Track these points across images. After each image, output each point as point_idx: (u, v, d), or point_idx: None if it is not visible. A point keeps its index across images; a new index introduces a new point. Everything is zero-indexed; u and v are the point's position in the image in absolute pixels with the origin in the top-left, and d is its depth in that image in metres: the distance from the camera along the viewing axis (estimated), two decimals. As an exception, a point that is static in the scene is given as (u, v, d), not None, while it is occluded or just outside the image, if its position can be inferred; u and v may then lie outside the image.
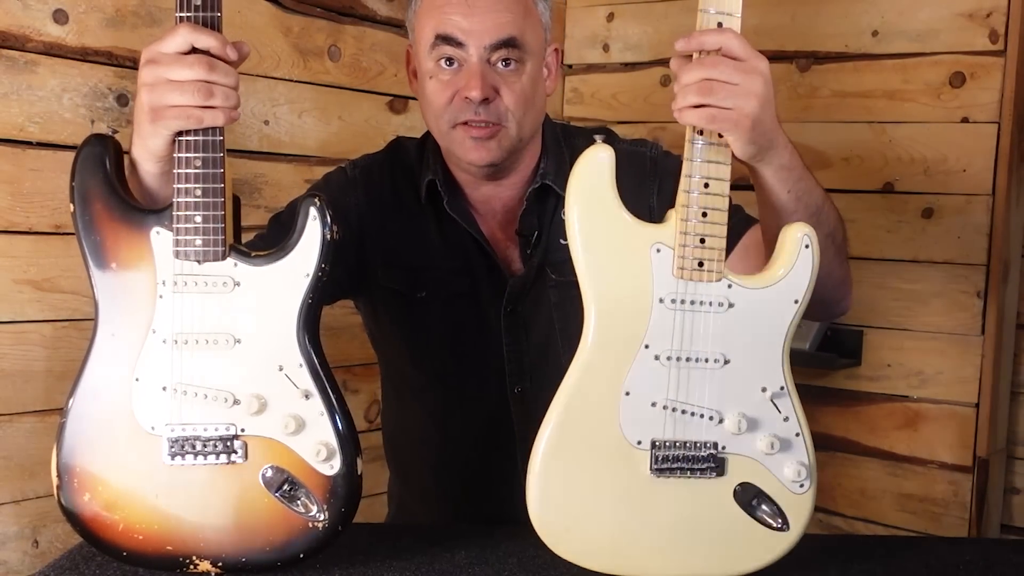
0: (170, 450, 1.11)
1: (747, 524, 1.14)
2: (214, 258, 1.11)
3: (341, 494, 1.11)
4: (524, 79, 1.36)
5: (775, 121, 1.13)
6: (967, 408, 2.01)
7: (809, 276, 1.13)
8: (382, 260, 1.47)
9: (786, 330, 1.13)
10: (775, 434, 1.14)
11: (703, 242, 1.11)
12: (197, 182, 1.09)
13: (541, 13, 1.39)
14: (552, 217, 1.45)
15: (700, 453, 1.13)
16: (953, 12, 1.97)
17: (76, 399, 1.12)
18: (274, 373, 1.11)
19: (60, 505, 1.13)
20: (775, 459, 1.14)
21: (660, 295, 1.12)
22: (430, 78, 1.38)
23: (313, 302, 1.12)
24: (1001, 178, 1.95)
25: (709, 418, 1.13)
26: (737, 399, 1.13)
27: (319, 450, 1.10)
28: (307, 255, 1.12)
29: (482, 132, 1.36)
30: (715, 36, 1.10)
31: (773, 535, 1.14)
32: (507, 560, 1.21)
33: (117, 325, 1.12)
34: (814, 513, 1.18)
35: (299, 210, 1.12)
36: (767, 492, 1.14)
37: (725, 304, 1.12)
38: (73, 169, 1.12)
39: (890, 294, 2.07)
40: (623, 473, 1.13)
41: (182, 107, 1.07)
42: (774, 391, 1.14)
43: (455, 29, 1.33)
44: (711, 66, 1.09)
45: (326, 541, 1.12)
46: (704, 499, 1.14)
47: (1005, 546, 1.45)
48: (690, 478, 1.13)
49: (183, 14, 1.09)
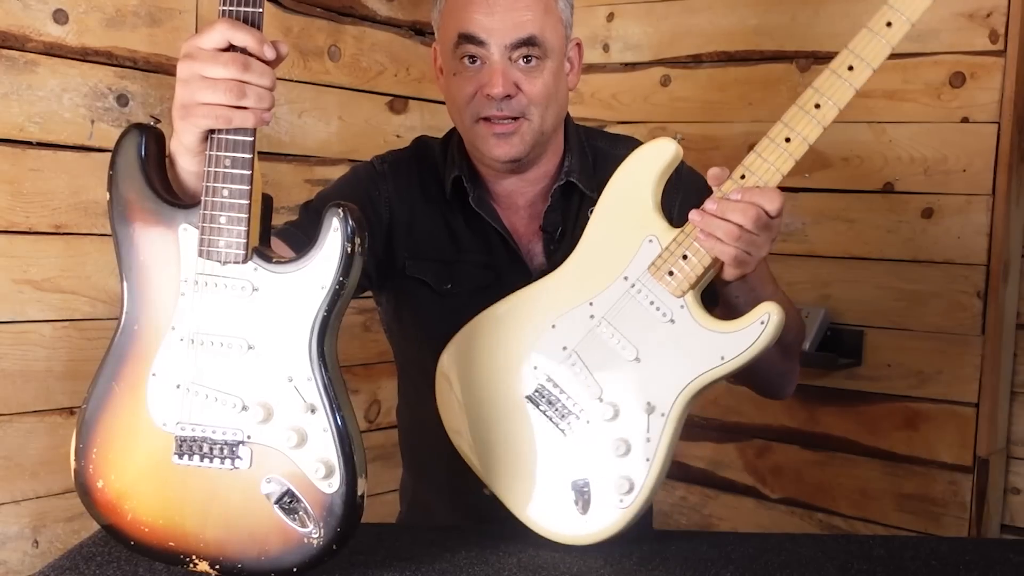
0: (178, 449, 1.11)
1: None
2: (235, 260, 1.09)
3: (338, 513, 1.09)
4: (545, 74, 1.39)
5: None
6: (967, 408, 2.00)
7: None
8: (409, 252, 1.49)
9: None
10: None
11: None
12: (224, 182, 1.07)
13: (562, 10, 1.41)
14: (577, 214, 1.47)
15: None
16: (953, 12, 1.97)
17: (97, 386, 1.13)
18: (283, 383, 1.10)
19: (77, 488, 1.14)
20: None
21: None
22: (454, 75, 1.40)
23: (329, 315, 1.09)
24: (1001, 178, 1.95)
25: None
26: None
27: (318, 467, 1.08)
28: (325, 267, 1.09)
29: (504, 128, 1.38)
30: (769, 196, 1.18)
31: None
32: (507, 560, 1.21)
33: (141, 318, 1.12)
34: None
35: (322, 219, 1.10)
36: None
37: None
38: (112, 158, 1.12)
39: (890, 294, 2.07)
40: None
41: (212, 105, 1.06)
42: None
43: (477, 28, 1.35)
44: (749, 219, 1.17)
45: (319, 559, 1.10)
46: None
47: (1005, 546, 1.45)
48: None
49: (224, 8, 1.07)
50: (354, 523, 1.11)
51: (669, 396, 1.21)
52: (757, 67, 2.21)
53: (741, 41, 2.22)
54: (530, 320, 1.29)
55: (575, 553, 1.23)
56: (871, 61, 1.18)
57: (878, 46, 1.17)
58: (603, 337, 1.24)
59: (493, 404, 1.30)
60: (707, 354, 1.20)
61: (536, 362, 1.27)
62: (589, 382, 1.24)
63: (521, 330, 1.29)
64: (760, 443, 2.25)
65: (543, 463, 1.26)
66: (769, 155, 1.20)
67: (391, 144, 2.20)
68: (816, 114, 1.19)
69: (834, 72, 1.18)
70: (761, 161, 1.20)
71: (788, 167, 1.19)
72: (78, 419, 1.13)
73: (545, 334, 1.27)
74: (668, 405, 1.21)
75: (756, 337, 1.18)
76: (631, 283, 1.23)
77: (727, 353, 1.19)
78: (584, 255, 1.29)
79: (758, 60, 2.20)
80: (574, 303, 1.26)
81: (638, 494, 1.21)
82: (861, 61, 1.18)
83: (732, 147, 2.24)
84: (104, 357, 1.13)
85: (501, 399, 1.29)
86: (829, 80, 1.19)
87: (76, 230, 1.79)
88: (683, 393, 1.21)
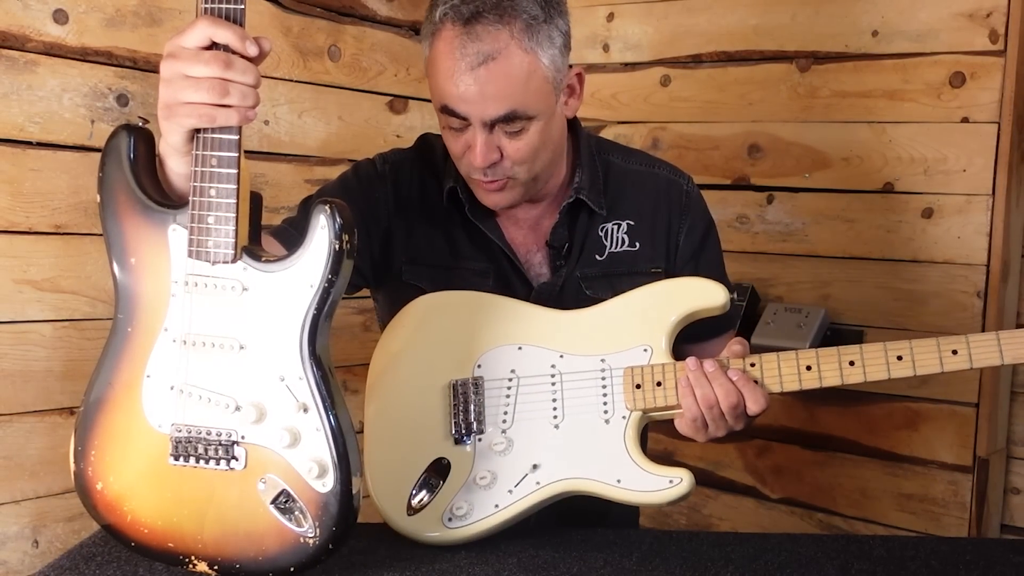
0: (173, 451, 1.11)
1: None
2: (225, 260, 1.09)
3: (333, 512, 1.09)
4: (530, 135, 1.35)
5: None
6: (967, 408, 2.00)
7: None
8: (407, 257, 1.48)
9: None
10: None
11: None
12: (212, 181, 1.07)
13: (547, 67, 1.33)
14: (587, 231, 1.47)
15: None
16: (953, 12, 1.97)
17: (94, 389, 1.13)
18: (275, 383, 1.10)
19: (77, 490, 1.14)
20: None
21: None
22: (443, 128, 1.39)
23: (319, 313, 1.09)
24: (1001, 178, 1.95)
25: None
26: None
27: (311, 467, 1.08)
28: (313, 266, 1.08)
29: (493, 186, 1.38)
30: (756, 397, 1.21)
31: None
32: (507, 560, 1.21)
33: (133, 320, 1.12)
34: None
35: (309, 216, 1.09)
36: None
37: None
38: (101, 159, 1.11)
39: (890, 294, 2.07)
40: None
41: (195, 104, 1.05)
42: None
43: (457, 103, 1.31)
44: (728, 403, 1.20)
45: (316, 558, 1.10)
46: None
47: (1005, 546, 1.45)
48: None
49: (206, 5, 1.06)
50: (350, 522, 1.11)
51: (556, 474, 1.23)
52: (757, 67, 2.20)
53: (741, 41, 2.22)
54: (508, 325, 1.30)
55: (575, 553, 1.23)
56: (919, 367, 1.17)
57: (933, 360, 1.17)
58: (547, 390, 1.26)
59: (425, 367, 1.31)
60: (611, 469, 1.21)
61: (484, 361, 1.29)
62: (508, 411, 1.26)
63: (496, 325, 1.30)
64: (760, 443, 2.25)
65: (417, 447, 1.27)
66: (785, 368, 1.21)
67: (391, 144, 2.21)
68: (844, 369, 1.19)
69: (885, 351, 1.19)
70: (776, 366, 1.21)
71: (791, 389, 1.20)
72: (76, 422, 1.13)
73: (509, 347, 1.29)
74: (549, 480, 1.23)
75: (658, 489, 1.20)
76: (603, 369, 1.25)
77: (625, 482, 1.20)
78: (589, 318, 1.30)
79: (758, 60, 2.20)
80: (549, 345, 1.28)
81: (468, 524, 1.23)
82: (911, 361, 1.18)
83: (732, 147, 2.24)
84: (99, 360, 1.13)
85: (430, 368, 1.30)
86: (875, 354, 1.19)
87: (76, 230, 1.78)
88: (567, 481, 1.22)
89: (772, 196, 2.20)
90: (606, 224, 1.47)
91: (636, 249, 1.47)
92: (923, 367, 1.17)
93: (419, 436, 1.28)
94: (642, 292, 1.30)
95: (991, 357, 1.15)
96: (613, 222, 1.47)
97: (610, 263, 1.46)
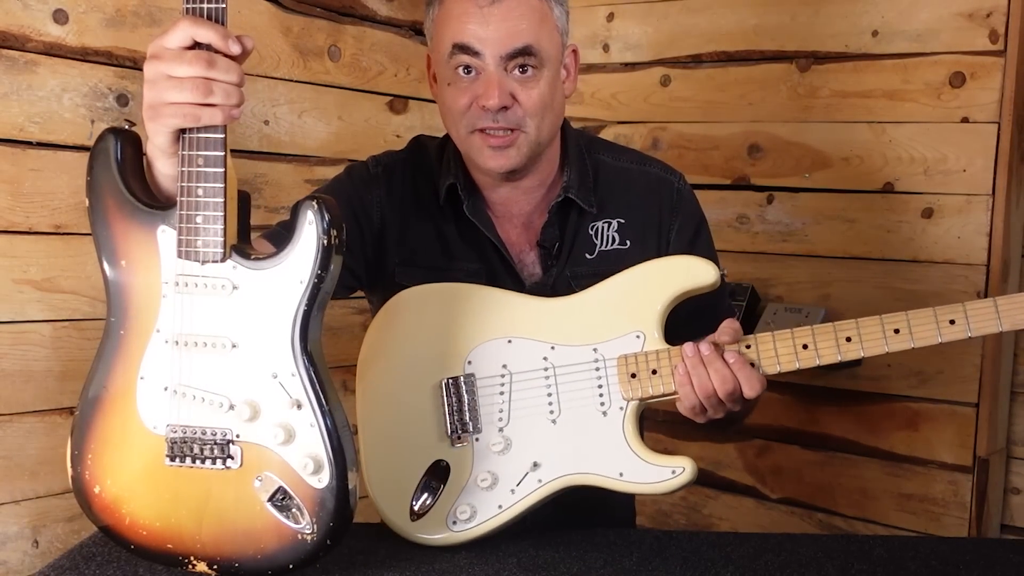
0: (169, 452, 1.11)
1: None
2: (214, 259, 1.09)
3: (330, 508, 1.09)
4: (542, 84, 1.36)
5: None
6: (967, 408, 2.00)
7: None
8: (400, 259, 1.48)
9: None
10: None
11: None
12: (199, 181, 1.08)
13: (557, 18, 1.39)
14: (577, 230, 1.47)
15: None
16: (953, 12, 1.97)
17: (89, 391, 1.13)
18: (268, 380, 1.10)
19: (75, 493, 1.14)
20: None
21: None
22: (448, 84, 1.39)
23: (309, 309, 1.09)
24: (1001, 178, 1.95)
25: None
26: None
27: (307, 463, 1.08)
28: (303, 261, 1.09)
29: (500, 140, 1.37)
30: (753, 382, 1.20)
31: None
32: (507, 560, 1.21)
33: (126, 322, 1.12)
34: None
35: (297, 212, 1.10)
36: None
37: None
38: (88, 163, 1.12)
39: (890, 294, 2.07)
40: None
41: (179, 104, 1.06)
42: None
43: (471, 38, 1.33)
44: (725, 389, 1.20)
45: (314, 555, 1.10)
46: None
47: (1005, 546, 1.45)
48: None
49: (188, 5, 1.06)
50: (347, 517, 1.11)
51: (557, 471, 1.22)
52: (757, 67, 2.20)
53: (741, 41, 2.22)
54: (495, 317, 1.28)
55: (575, 553, 1.23)
56: (917, 339, 1.16)
57: (931, 331, 1.16)
58: (541, 385, 1.25)
59: (414, 366, 1.28)
60: (612, 462, 1.21)
61: (474, 357, 1.27)
62: (503, 409, 1.25)
63: (483, 317, 1.28)
64: (760, 443, 2.25)
65: (413, 450, 1.26)
66: (782, 347, 1.20)
67: (391, 144, 2.21)
68: (842, 345, 1.18)
69: (882, 323, 1.17)
70: (772, 346, 1.20)
71: (789, 368, 1.19)
72: (72, 426, 1.13)
73: (498, 341, 1.27)
74: (551, 476, 1.22)
75: (660, 480, 1.19)
76: (596, 359, 1.24)
77: (628, 474, 1.20)
78: (577, 305, 1.29)
79: (758, 60, 2.20)
80: (539, 336, 1.26)
81: (474, 527, 1.22)
82: (908, 333, 1.17)
83: (731, 147, 2.24)
84: (93, 363, 1.13)
85: (419, 366, 1.28)
86: (872, 327, 1.18)
87: (76, 230, 1.78)
88: (568, 477, 1.22)
89: (772, 196, 2.20)
90: (596, 222, 1.47)
91: (627, 247, 1.47)
92: (921, 339, 1.16)
93: (414, 438, 1.27)
94: (629, 275, 1.28)
95: (989, 324, 1.14)
96: (604, 220, 1.47)
97: (600, 261, 1.45)
